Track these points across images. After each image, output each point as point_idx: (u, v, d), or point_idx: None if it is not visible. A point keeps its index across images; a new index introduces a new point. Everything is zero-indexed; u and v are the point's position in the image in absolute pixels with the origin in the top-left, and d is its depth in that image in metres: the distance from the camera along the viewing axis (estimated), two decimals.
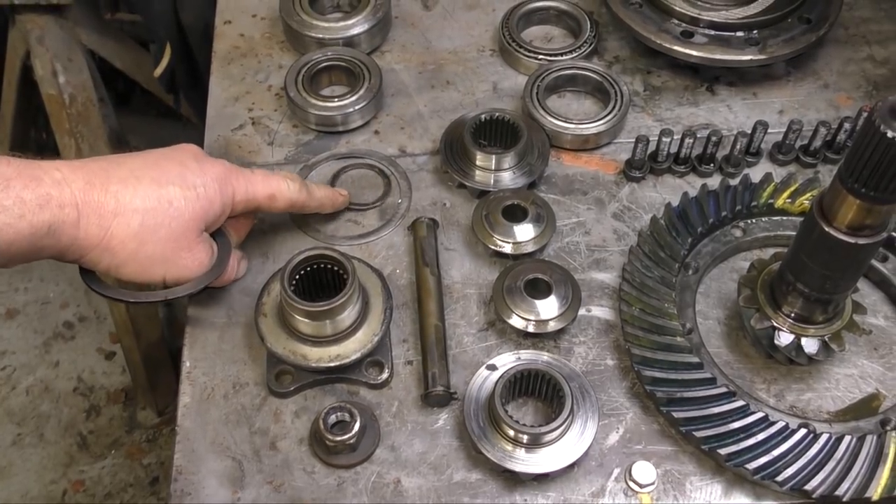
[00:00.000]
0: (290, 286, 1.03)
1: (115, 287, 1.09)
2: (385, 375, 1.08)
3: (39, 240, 0.93)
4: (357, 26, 1.41)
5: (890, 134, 0.80)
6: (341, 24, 1.41)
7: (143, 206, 0.99)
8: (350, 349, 1.06)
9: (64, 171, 0.96)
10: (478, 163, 1.25)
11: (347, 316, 1.05)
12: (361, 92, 1.33)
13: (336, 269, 1.05)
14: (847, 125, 1.26)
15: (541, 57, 1.40)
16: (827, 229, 0.92)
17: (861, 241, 0.91)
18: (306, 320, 1.03)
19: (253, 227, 1.21)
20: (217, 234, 1.12)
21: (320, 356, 1.05)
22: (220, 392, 1.08)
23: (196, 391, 1.08)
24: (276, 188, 1.13)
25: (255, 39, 1.48)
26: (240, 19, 1.50)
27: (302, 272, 1.06)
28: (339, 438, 1.00)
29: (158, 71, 2.02)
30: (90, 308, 2.78)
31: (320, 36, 1.40)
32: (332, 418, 1.02)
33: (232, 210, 1.10)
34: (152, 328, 2.39)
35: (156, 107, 2.85)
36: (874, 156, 0.82)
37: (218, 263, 1.10)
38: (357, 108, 1.32)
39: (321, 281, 1.08)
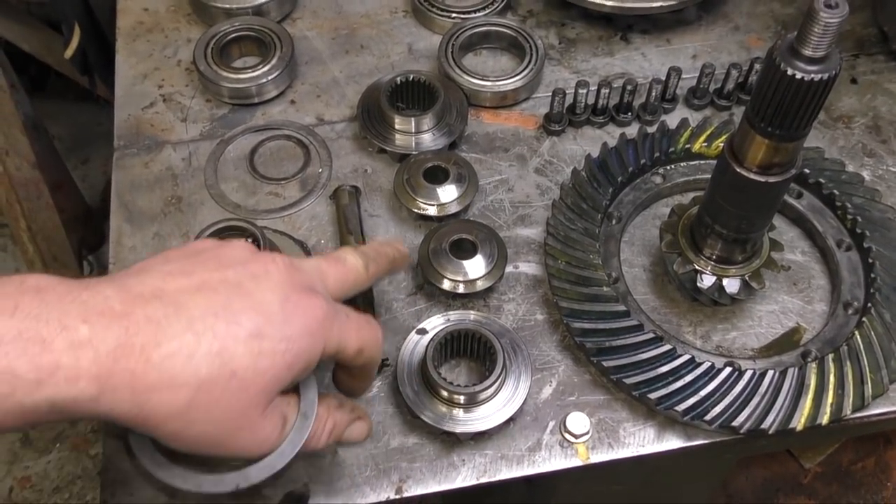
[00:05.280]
0: None
1: (161, 458, 0.83)
2: None
3: (39, 417, 0.69)
4: None
5: (790, 72, 0.81)
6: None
7: (196, 378, 0.72)
8: None
9: (95, 325, 0.69)
10: (397, 126, 1.24)
11: None
12: (274, 62, 1.30)
13: (252, 241, 1.03)
14: (758, 66, 1.27)
15: (454, 15, 1.39)
16: (738, 170, 0.93)
17: (772, 180, 0.92)
18: None
19: (170, 206, 1.19)
20: (303, 383, 0.86)
21: None
22: None
23: None
24: (366, 342, 0.87)
25: (161, 13, 1.43)
26: None
27: None
28: None
29: (69, 52, 1.96)
30: None
31: (227, 6, 1.37)
32: None
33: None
34: None
35: (73, 90, 2.77)
36: (777, 95, 0.83)
37: (296, 434, 0.84)
38: (270, 78, 1.29)
39: None
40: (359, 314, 0.88)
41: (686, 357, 1.02)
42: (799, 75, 0.80)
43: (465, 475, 1.00)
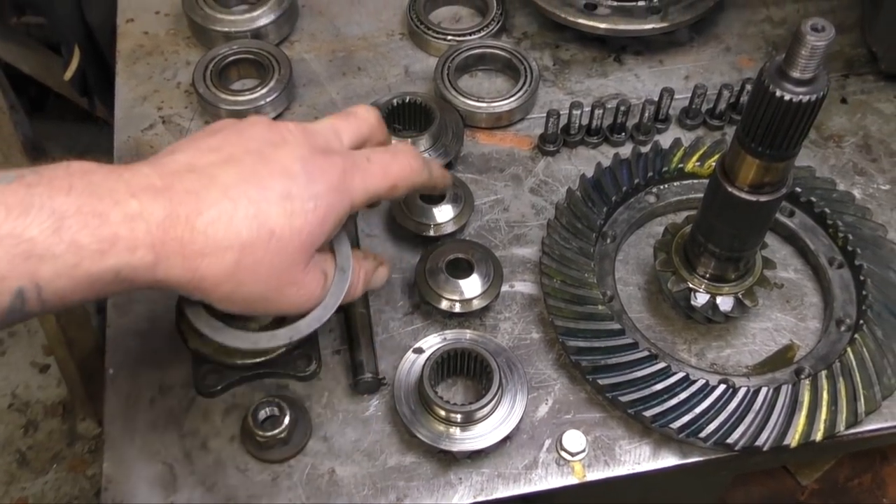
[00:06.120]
0: None
1: (218, 323, 0.91)
2: (313, 367, 1.08)
3: (105, 286, 0.75)
4: (263, 17, 1.39)
5: (779, 93, 0.82)
6: (247, 16, 1.39)
7: (239, 240, 0.79)
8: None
9: (142, 199, 0.75)
10: None
11: None
12: (272, 84, 1.32)
13: None
14: (749, 87, 1.29)
15: (450, 38, 1.40)
16: (730, 189, 0.94)
17: (763, 199, 0.94)
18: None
19: None
20: (336, 240, 0.94)
21: (245, 352, 1.05)
22: (146, 396, 1.07)
23: (121, 398, 1.06)
24: (399, 176, 0.93)
25: (160, 36, 1.45)
26: (142, 17, 1.47)
27: None
28: (269, 433, 1.00)
29: (69, 74, 1.97)
30: None
31: (226, 29, 1.38)
32: (262, 413, 1.01)
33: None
34: (86, 337, 2.34)
35: (72, 111, 2.78)
36: (766, 115, 0.85)
37: (337, 286, 0.92)
38: (268, 100, 1.31)
39: None
40: (384, 152, 0.94)
41: (681, 375, 1.03)
42: (787, 96, 0.82)
43: (462, 494, 1.00)
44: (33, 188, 0.71)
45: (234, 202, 0.79)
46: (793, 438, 0.99)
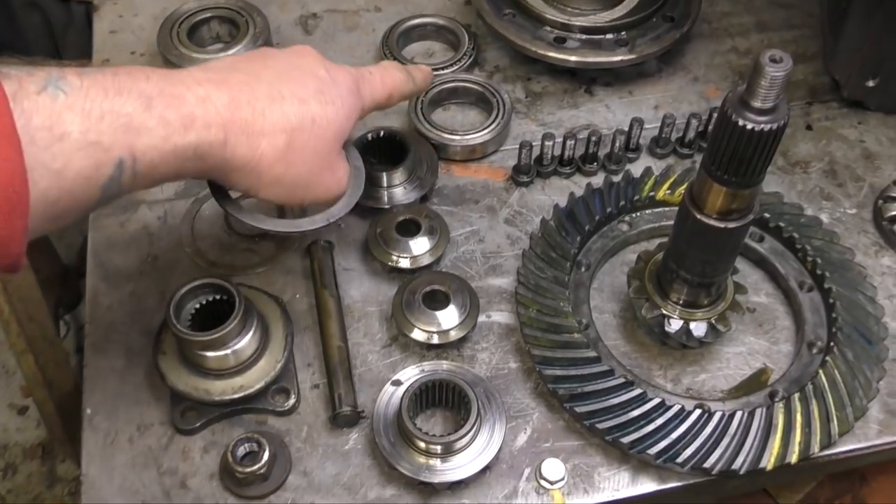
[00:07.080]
0: (176, 317, 1.02)
1: (261, 215, 1.04)
2: (292, 401, 1.08)
3: (184, 162, 0.86)
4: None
5: (741, 122, 0.84)
6: (222, 55, 1.41)
7: (290, 124, 0.93)
8: (253, 379, 1.06)
9: (207, 87, 0.87)
10: None
11: (247, 345, 1.05)
12: None
13: (227, 298, 1.05)
14: (716, 115, 1.31)
15: None
16: (699, 217, 0.96)
17: (731, 225, 0.96)
18: (203, 353, 1.02)
19: (146, 265, 1.21)
20: (346, 147, 1.07)
21: (223, 389, 1.05)
22: (124, 436, 1.06)
23: (99, 437, 1.06)
24: (392, 86, 1.10)
25: None
26: (118, 57, 1.48)
27: (198, 306, 1.06)
28: (249, 469, 1.00)
29: None
30: None
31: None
32: (241, 450, 1.01)
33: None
34: (65, 378, 2.32)
35: None
36: (730, 144, 0.87)
37: (356, 179, 1.08)
38: None
39: (220, 314, 1.08)
40: (377, 68, 1.11)
41: (657, 400, 1.04)
42: (749, 125, 0.84)
43: None
44: (118, 76, 0.81)
45: (281, 93, 0.93)
46: (768, 461, 1.00)
